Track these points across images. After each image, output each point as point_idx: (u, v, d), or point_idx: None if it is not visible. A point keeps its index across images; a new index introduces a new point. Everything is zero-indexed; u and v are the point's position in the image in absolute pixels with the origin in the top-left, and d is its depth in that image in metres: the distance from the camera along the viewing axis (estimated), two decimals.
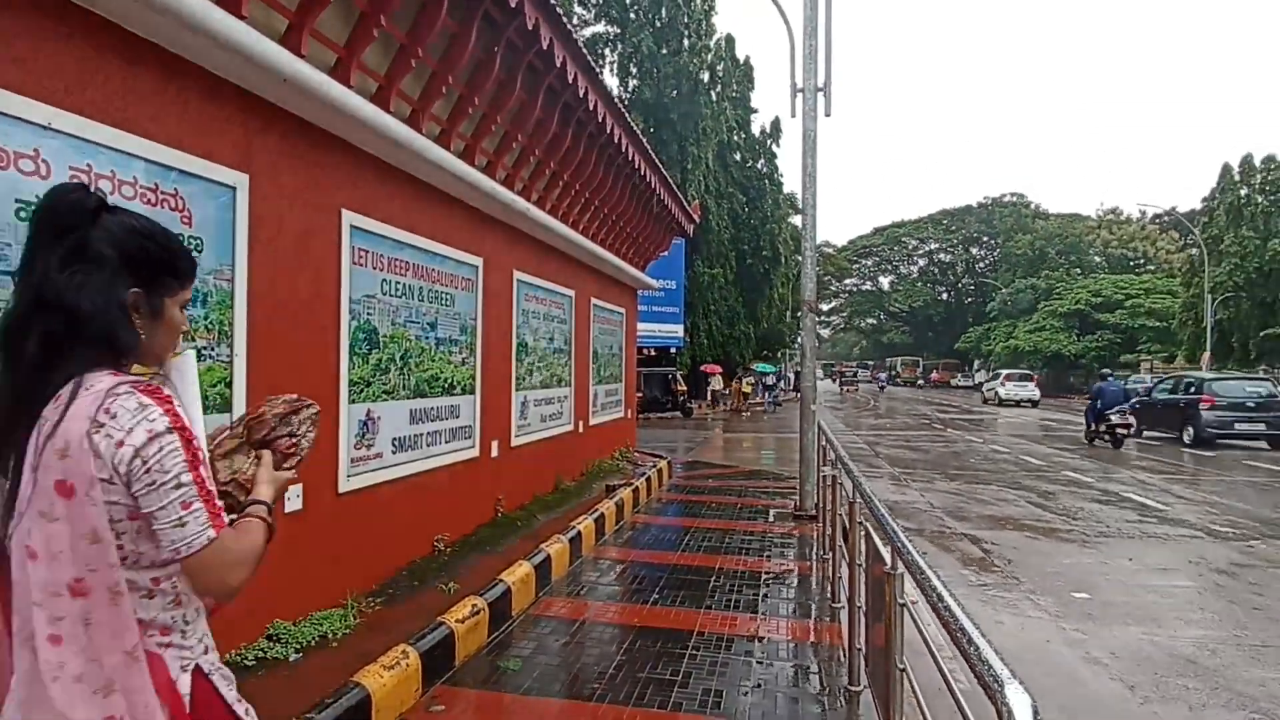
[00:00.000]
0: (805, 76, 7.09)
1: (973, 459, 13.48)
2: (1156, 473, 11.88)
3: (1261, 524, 7.93)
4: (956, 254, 71.99)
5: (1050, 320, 48.12)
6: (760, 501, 8.50)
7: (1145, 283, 49.07)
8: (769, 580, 5.36)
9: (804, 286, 7.33)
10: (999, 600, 5.30)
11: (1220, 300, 35.47)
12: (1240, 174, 36.43)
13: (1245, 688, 3.82)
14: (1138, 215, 60.53)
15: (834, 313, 78.59)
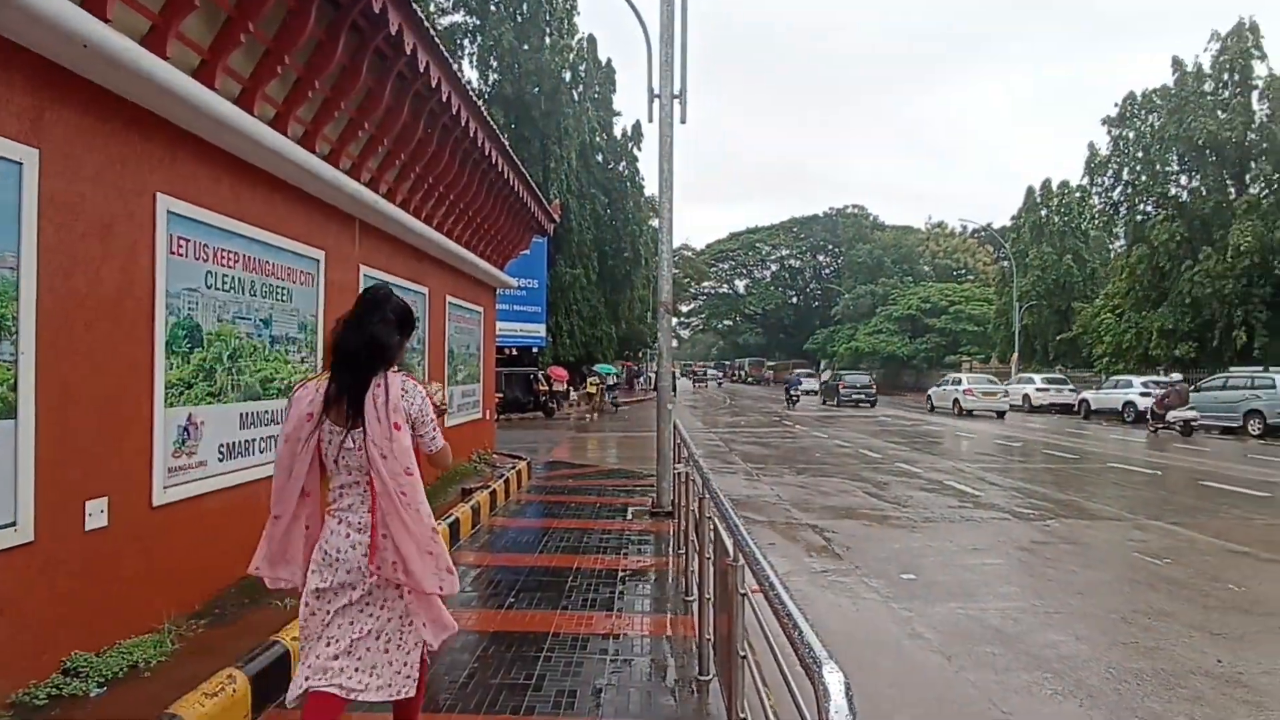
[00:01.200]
0: (662, 83, 7.25)
1: (818, 454, 14.35)
2: (972, 462, 13.18)
3: (1056, 505, 9.00)
4: (805, 260, 76.50)
5: (887, 324, 52.22)
6: (619, 500, 8.59)
7: (966, 291, 54.29)
8: (626, 578, 5.42)
9: (661, 288, 7.49)
10: (838, 585, 5.66)
11: (1026, 308, 39.89)
12: (1041, 197, 41.23)
13: (1040, 650, 4.31)
14: (960, 230, 66.93)
15: (693, 314, 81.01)
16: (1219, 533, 7.50)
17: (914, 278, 62.03)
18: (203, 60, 3.88)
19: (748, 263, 77.73)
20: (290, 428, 2.27)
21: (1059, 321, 39.28)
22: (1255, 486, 10.74)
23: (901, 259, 63.70)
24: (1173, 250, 28.69)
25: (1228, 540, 7.16)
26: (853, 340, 54.79)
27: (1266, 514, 8.64)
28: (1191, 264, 27.65)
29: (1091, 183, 33.61)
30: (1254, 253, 25.24)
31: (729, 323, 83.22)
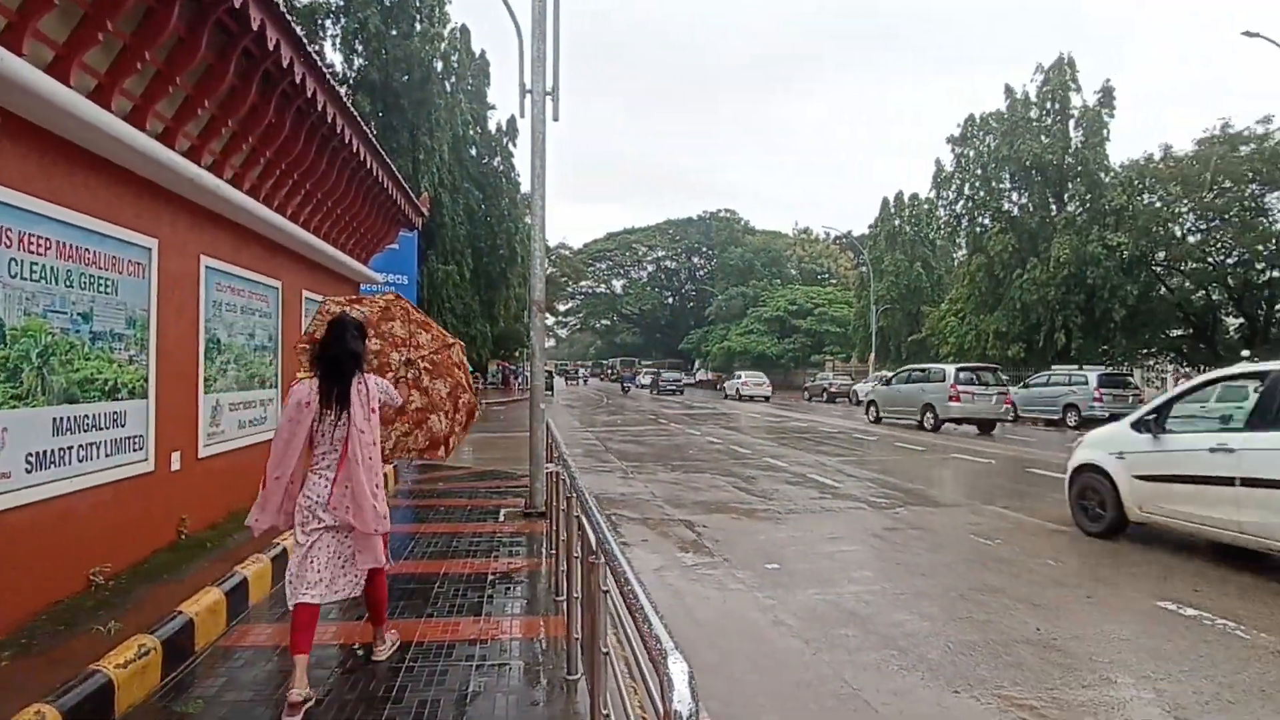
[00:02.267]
0: (534, 79, 7.15)
1: (691, 450, 14.69)
2: (832, 455, 13.94)
3: (905, 494, 9.68)
4: (681, 262, 78.29)
5: (757, 324, 54.40)
6: (491, 502, 8.41)
7: (829, 294, 57.45)
8: (496, 581, 5.31)
9: (533, 287, 7.39)
10: (708, 578, 5.80)
11: (882, 310, 42.75)
12: (894, 208, 44.32)
13: (888, 629, 4.61)
14: (824, 236, 70.72)
15: (570, 314, 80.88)
16: (1041, 514, 8.35)
17: (782, 280, 65.00)
18: (9, 23, 3.43)
19: (625, 263, 78.56)
20: (292, 412, 3.35)
21: (910, 323, 42.38)
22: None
23: (771, 262, 66.55)
24: (1006, 260, 31.67)
25: (1048, 520, 7.98)
26: (726, 340, 56.65)
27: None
28: (1021, 273, 30.64)
29: (938, 196, 36.60)
30: (1071, 264, 28.33)
31: (606, 322, 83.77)
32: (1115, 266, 28.21)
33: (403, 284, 18.69)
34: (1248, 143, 29.54)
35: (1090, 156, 30.21)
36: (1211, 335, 33.72)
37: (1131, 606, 5.09)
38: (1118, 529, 7.12)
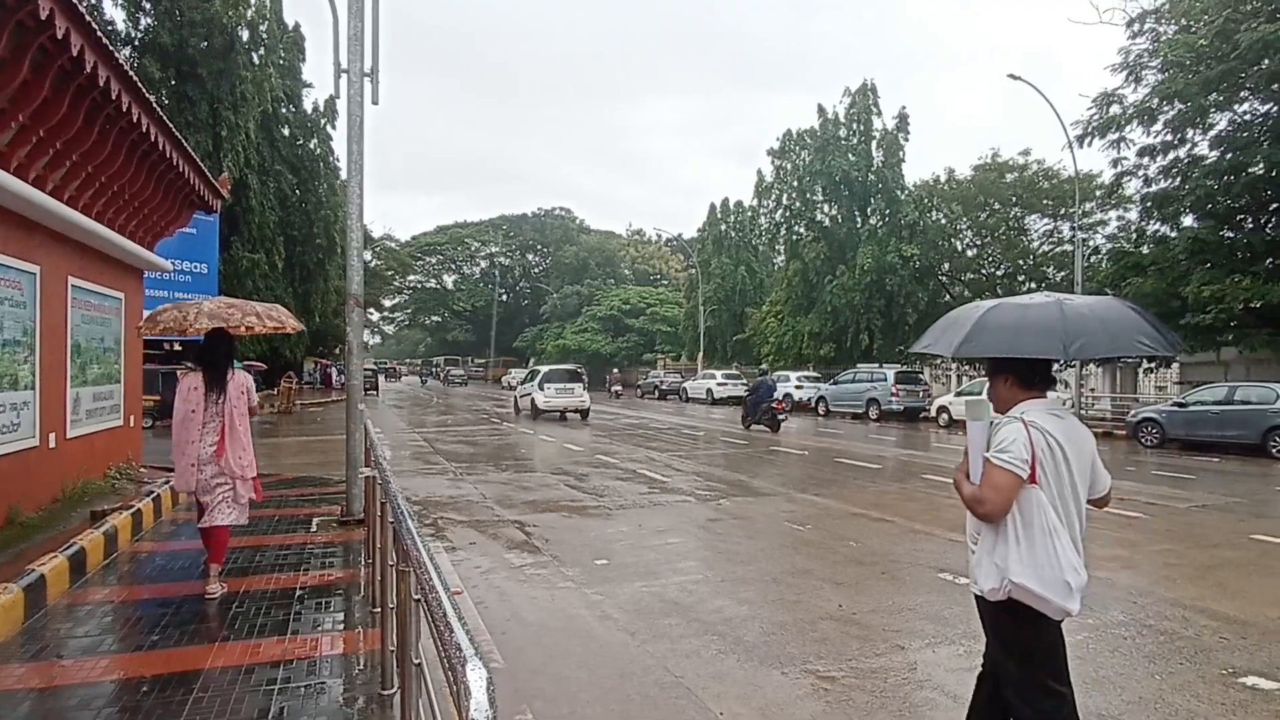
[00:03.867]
0: (350, 58, 6.68)
1: (524, 449, 14.52)
2: (663, 450, 14.37)
3: (728, 486, 10.17)
4: (515, 259, 77.24)
5: (591, 323, 54.89)
6: (303, 511, 7.79)
7: (661, 295, 59.16)
8: (306, 596, 4.91)
9: (350, 280, 6.91)
10: (536, 578, 5.73)
11: (709, 311, 44.70)
12: (721, 213, 46.49)
13: (709, 616, 4.80)
14: (656, 238, 72.72)
15: (398, 309, 77.09)
16: (845, 499, 9.10)
17: (616, 280, 66.08)
18: None
19: (457, 258, 76.22)
20: (185, 395, 4.91)
21: (736, 324, 44.67)
22: (871, 460, 13.25)
23: (605, 262, 67.43)
24: (819, 267, 34.28)
25: (851, 505, 8.71)
26: (561, 338, 56.66)
27: (878, 482, 10.69)
28: (832, 278, 33.29)
29: (759, 204, 38.90)
30: (873, 272, 31.20)
31: (437, 319, 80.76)
32: (909, 275, 31.44)
33: (201, 273, 16.88)
34: (1012, 171, 34.06)
35: (889, 175, 33.47)
36: None
37: (918, 579, 5.67)
38: None
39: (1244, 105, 18.84)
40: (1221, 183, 18.32)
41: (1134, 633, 4.51)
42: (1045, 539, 2.25)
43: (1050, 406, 2.44)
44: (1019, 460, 2.25)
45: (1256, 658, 4.12)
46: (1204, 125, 19.31)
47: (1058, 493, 2.31)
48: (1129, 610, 4.93)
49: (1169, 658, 4.13)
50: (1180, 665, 4.03)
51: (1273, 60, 16.41)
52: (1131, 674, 3.91)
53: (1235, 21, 16.63)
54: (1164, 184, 20.27)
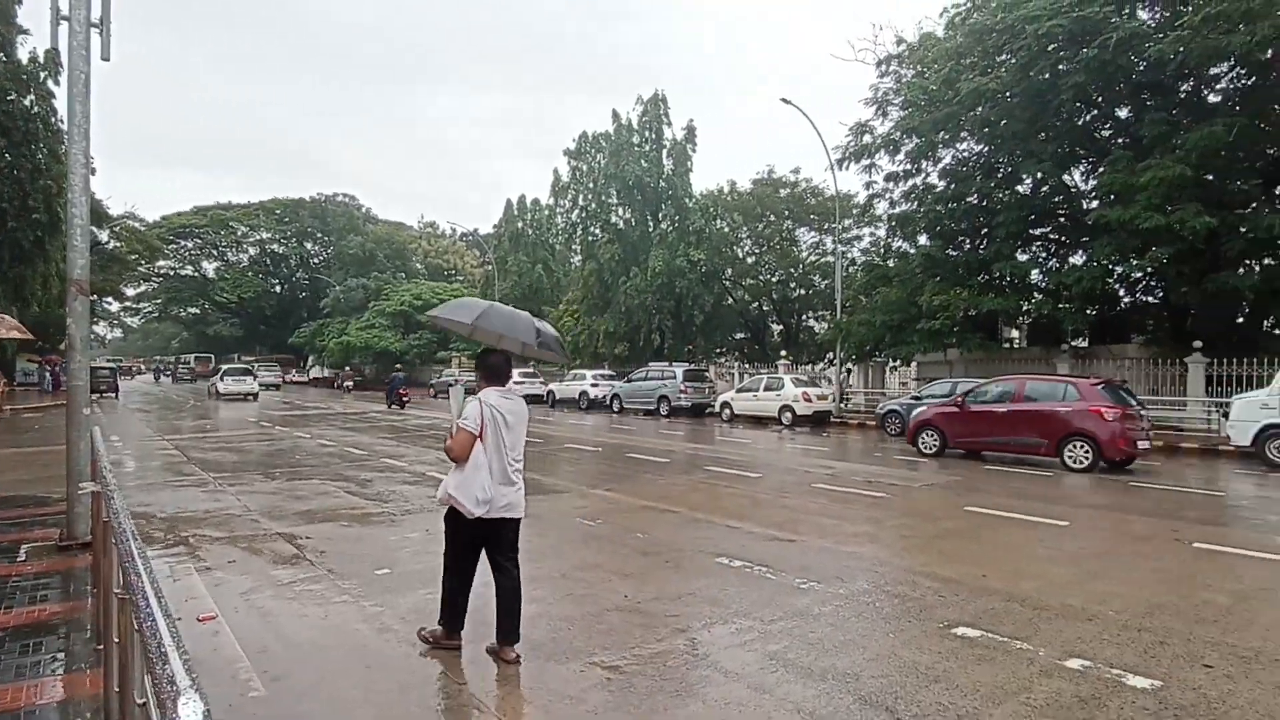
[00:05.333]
0: (73, 4, 5.69)
1: (298, 455, 13.35)
2: None
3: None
4: (290, 246, 70.74)
5: (379, 319, 51.83)
6: (9, 536, 6.54)
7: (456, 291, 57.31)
8: (7, 639, 4.11)
9: (73, 262, 5.90)
10: (308, 594, 5.28)
11: None
12: (518, 210, 46.14)
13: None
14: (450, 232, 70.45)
15: (145, 299, 67.27)
16: (636, 493, 9.43)
17: (407, 274, 63.02)
18: None
19: (219, 243, 68.26)
20: None
21: None
22: (661, 455, 13.86)
23: (395, 254, 64.02)
24: (613, 268, 35.21)
25: (640, 498, 9.04)
26: (345, 335, 52.89)
27: (667, 475, 11.21)
28: (626, 280, 34.35)
29: (557, 204, 39.13)
30: (664, 274, 32.65)
31: (196, 311, 71.65)
32: (697, 278, 33.32)
33: None
34: (785, 187, 37.32)
35: (679, 183, 35.24)
36: (763, 338, 41.81)
37: (699, 565, 6.02)
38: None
39: (964, 144, 22.28)
40: (947, 208, 21.52)
41: (875, 598, 5.14)
42: (474, 471, 3.91)
43: (503, 392, 4.13)
44: (474, 424, 3.94)
45: (966, 611, 4.87)
46: (934, 158, 22.55)
47: (494, 445, 3.98)
48: (871, 579, 5.60)
49: (900, 617, 4.75)
50: (909, 623, 4.65)
51: (984, 108, 19.55)
52: (871, 634, 4.44)
53: (957, 72, 19.58)
54: (905, 206, 23.38)
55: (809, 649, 4.19)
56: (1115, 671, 3.86)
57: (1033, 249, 22.68)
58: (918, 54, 22.27)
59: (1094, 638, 4.37)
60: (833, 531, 7.35)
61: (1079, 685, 3.70)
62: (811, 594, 5.16)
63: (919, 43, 22.49)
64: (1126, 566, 6.12)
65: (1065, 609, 4.90)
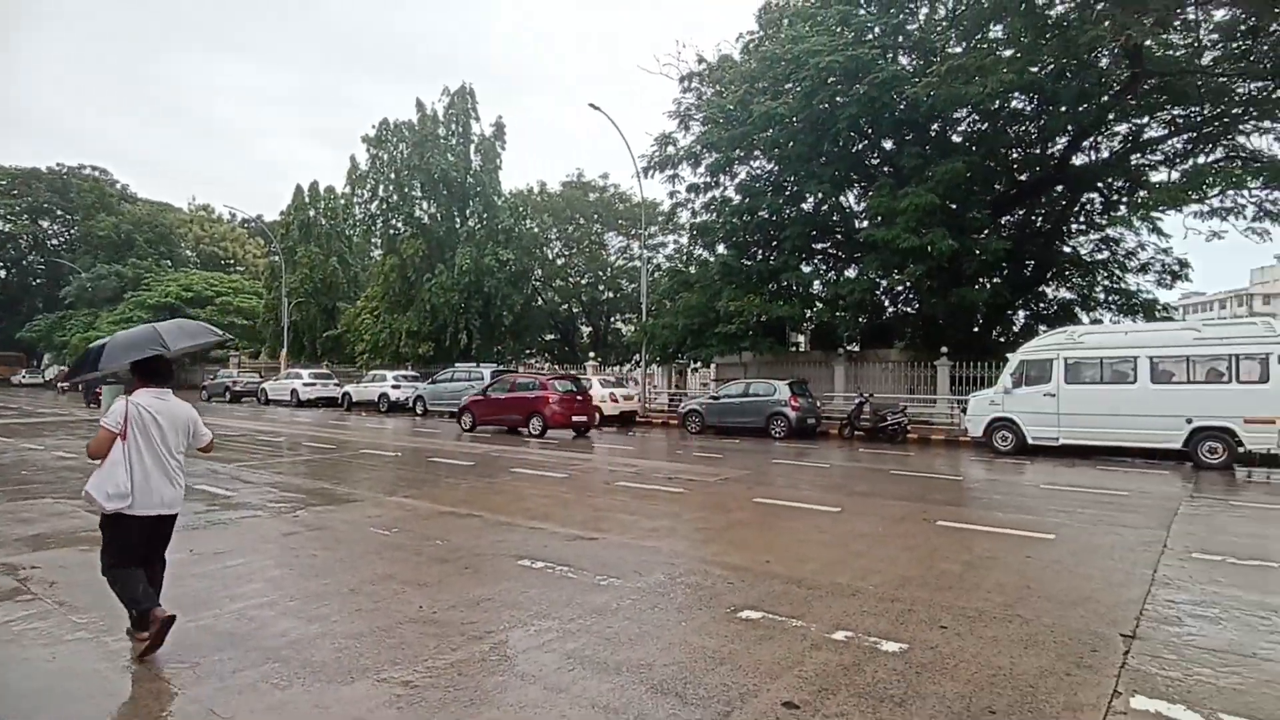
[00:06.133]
0: None
1: (26, 470, 11.33)
2: (228, 462, 12.58)
3: (308, 495, 9.33)
4: (21, 225, 59.97)
5: (138, 312, 45.53)
6: None
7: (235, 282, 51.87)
8: None
9: None
10: (31, 633, 4.49)
11: (295, 304, 40.66)
12: (309, 198, 42.68)
13: (273, 642, 4.30)
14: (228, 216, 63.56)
15: None
16: (436, 499, 9.07)
17: (174, 262, 56.04)
18: None
19: None
20: None
21: (326, 319, 41.43)
22: (464, 458, 13.48)
23: (159, 239, 56.66)
24: (418, 264, 33.73)
25: (440, 504, 8.71)
26: (92, 329, 45.80)
27: (469, 479, 10.92)
28: (431, 277, 33.06)
29: (354, 193, 36.71)
30: (472, 273, 31.85)
31: None
32: (506, 278, 32.87)
33: None
34: (595, 191, 37.96)
35: (487, 180, 34.56)
36: (572, 339, 42.15)
37: (499, 569, 5.91)
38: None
39: (757, 162, 24.04)
40: (742, 220, 23.10)
41: (670, 589, 5.35)
42: (111, 467, 4.02)
43: (156, 394, 4.23)
44: (115, 423, 4.06)
45: (751, 595, 5.22)
46: (731, 173, 24.10)
47: (144, 444, 4.09)
48: (667, 571, 5.84)
49: (693, 606, 4.99)
50: (700, 611, 4.90)
51: (774, 130, 21.23)
52: (665, 624, 4.61)
53: (751, 95, 21.09)
54: (705, 217, 24.75)
55: (606, 644, 4.26)
56: (872, 639, 4.34)
57: (815, 262, 25.01)
58: (717, 74, 23.68)
59: (857, 611, 4.87)
60: (633, 528, 7.57)
61: (843, 655, 4.11)
62: (611, 590, 5.27)
63: (718, 64, 23.93)
64: (885, 546, 6.91)
65: (835, 587, 5.42)
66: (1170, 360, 13.46)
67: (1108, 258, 22.75)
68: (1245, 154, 19.12)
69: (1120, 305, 21.94)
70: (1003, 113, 20.31)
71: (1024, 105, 20.85)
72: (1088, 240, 23.19)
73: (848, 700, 3.55)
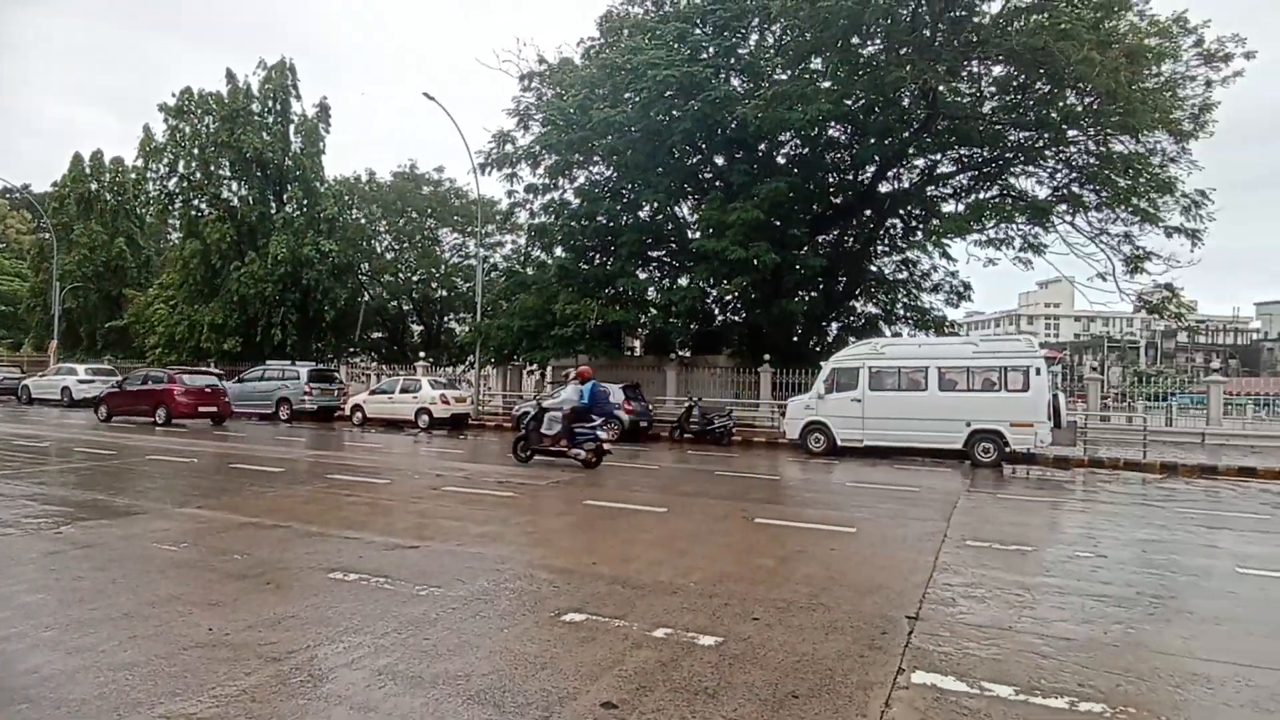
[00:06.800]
0: None
1: None
2: None
3: (76, 508, 8.15)
4: None
5: None
6: None
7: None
8: None
9: None
10: None
11: (70, 289, 35.54)
12: (92, 169, 37.52)
13: (19, 682, 3.67)
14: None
15: None
16: (237, 509, 8.25)
17: None
18: None
19: None
20: None
21: (110, 307, 36.63)
22: (274, 464, 12.41)
23: None
24: (224, 250, 30.69)
25: (242, 514, 7.93)
26: None
27: (279, 486, 10.05)
28: (240, 265, 30.20)
29: (147, 166, 32.68)
30: (288, 263, 29.47)
31: None
32: (328, 270, 30.74)
33: None
34: (429, 184, 36.54)
35: (308, 164, 32.14)
36: (402, 338, 40.26)
37: (307, 583, 5.46)
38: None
39: (597, 167, 24.28)
40: (580, 225, 23.21)
41: (493, 596, 5.21)
42: None
43: None
44: None
45: (576, 597, 5.21)
46: (571, 177, 24.17)
47: None
48: (493, 578, 5.69)
49: (516, 612, 4.89)
50: (524, 616, 4.81)
51: (613, 137, 21.55)
52: (487, 632, 4.48)
53: (591, 100, 21.27)
54: (544, 218, 24.61)
55: (422, 657, 4.06)
56: (690, 635, 4.48)
57: (650, 269, 25.67)
58: (558, 75, 23.66)
59: (677, 608, 5.01)
60: (459, 534, 7.32)
61: (661, 651, 4.20)
62: (430, 600, 5.04)
63: (559, 66, 23.92)
64: (707, 543, 7.19)
65: (658, 585, 5.55)
66: (954, 371, 15.19)
67: (907, 278, 25.34)
68: (1015, 193, 22.07)
69: (916, 320, 24.49)
70: (821, 139, 21.98)
71: (839, 134, 22.71)
72: (890, 261, 25.69)
73: (664, 696, 3.62)
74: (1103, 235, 21.15)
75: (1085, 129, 19.54)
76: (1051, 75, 17.74)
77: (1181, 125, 19.13)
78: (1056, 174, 21.47)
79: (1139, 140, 19.13)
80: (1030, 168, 21.66)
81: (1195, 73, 19.23)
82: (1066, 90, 18.38)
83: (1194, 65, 19.21)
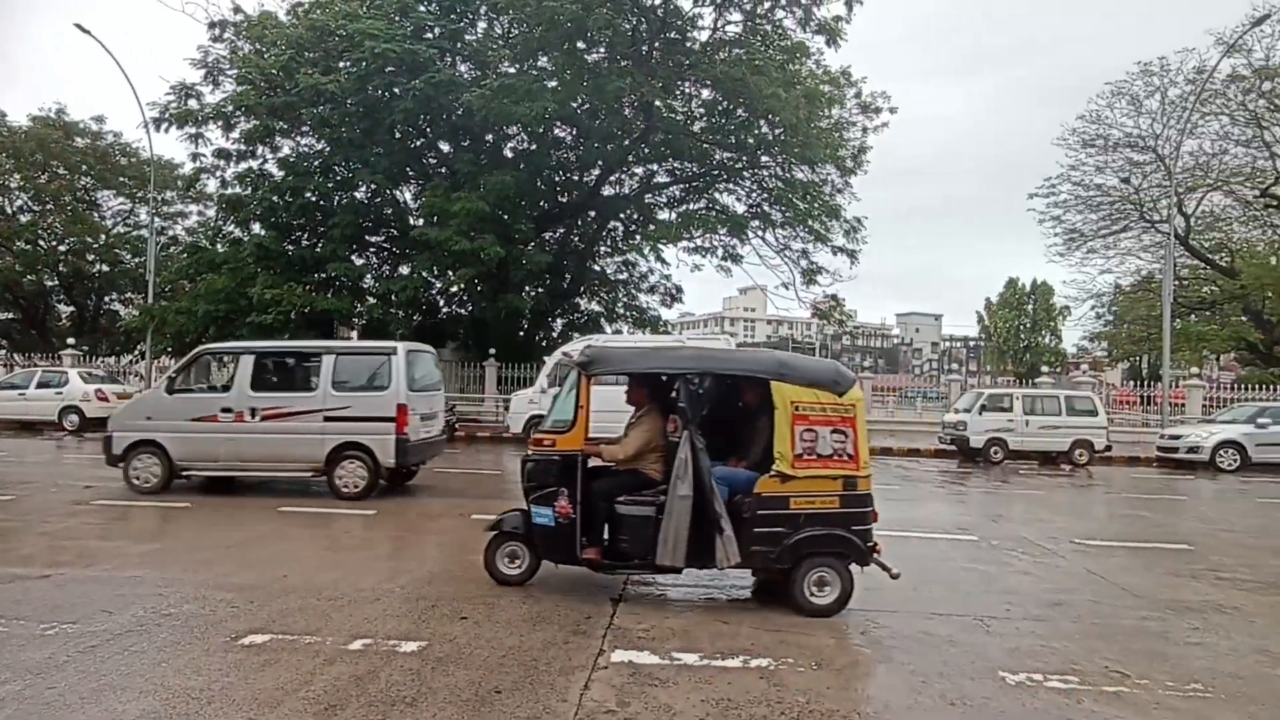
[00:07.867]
0: None
1: None
2: None
3: None
4: None
5: None
6: None
7: None
8: None
9: None
10: None
11: None
12: None
13: None
14: None
15: None
16: None
17: None
18: None
19: None
20: None
21: None
22: None
23: None
24: None
25: None
26: None
27: None
28: None
29: None
30: None
31: None
32: None
33: None
34: (84, 136, 30.32)
35: None
36: (44, 321, 33.03)
37: None
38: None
39: (305, 139, 22.01)
40: (284, 200, 20.83)
41: (151, 626, 4.41)
42: None
43: None
44: None
45: (260, 617, 4.63)
46: (273, 146, 21.62)
47: None
48: (152, 604, 4.82)
49: (180, 641, 4.19)
50: (191, 645, 4.14)
51: (325, 108, 19.70)
52: (138, 669, 3.76)
53: (299, 63, 19.22)
54: (239, 189, 21.67)
55: (43, 712, 3.29)
56: (392, 642, 4.21)
57: (368, 254, 23.97)
58: (256, 30, 21.00)
59: (379, 616, 4.69)
60: (113, 555, 6.12)
61: (358, 665, 3.88)
62: (60, 640, 4.12)
63: (259, 19, 21.24)
64: (419, 543, 6.87)
65: (359, 594, 5.14)
66: None
67: (627, 278, 26.79)
68: (719, 207, 24.48)
69: (635, 319, 25.99)
70: (548, 137, 22.28)
71: (566, 135, 23.24)
72: (612, 261, 26.96)
73: (357, 712, 3.35)
74: (786, 250, 24.45)
75: (775, 155, 22.37)
76: (748, 105, 19.96)
77: (845, 162, 22.94)
78: (752, 193, 24.29)
79: (815, 171, 22.50)
80: (732, 185, 24.21)
81: (856, 119, 23.33)
82: (760, 120, 20.82)
83: (855, 113, 23.26)
